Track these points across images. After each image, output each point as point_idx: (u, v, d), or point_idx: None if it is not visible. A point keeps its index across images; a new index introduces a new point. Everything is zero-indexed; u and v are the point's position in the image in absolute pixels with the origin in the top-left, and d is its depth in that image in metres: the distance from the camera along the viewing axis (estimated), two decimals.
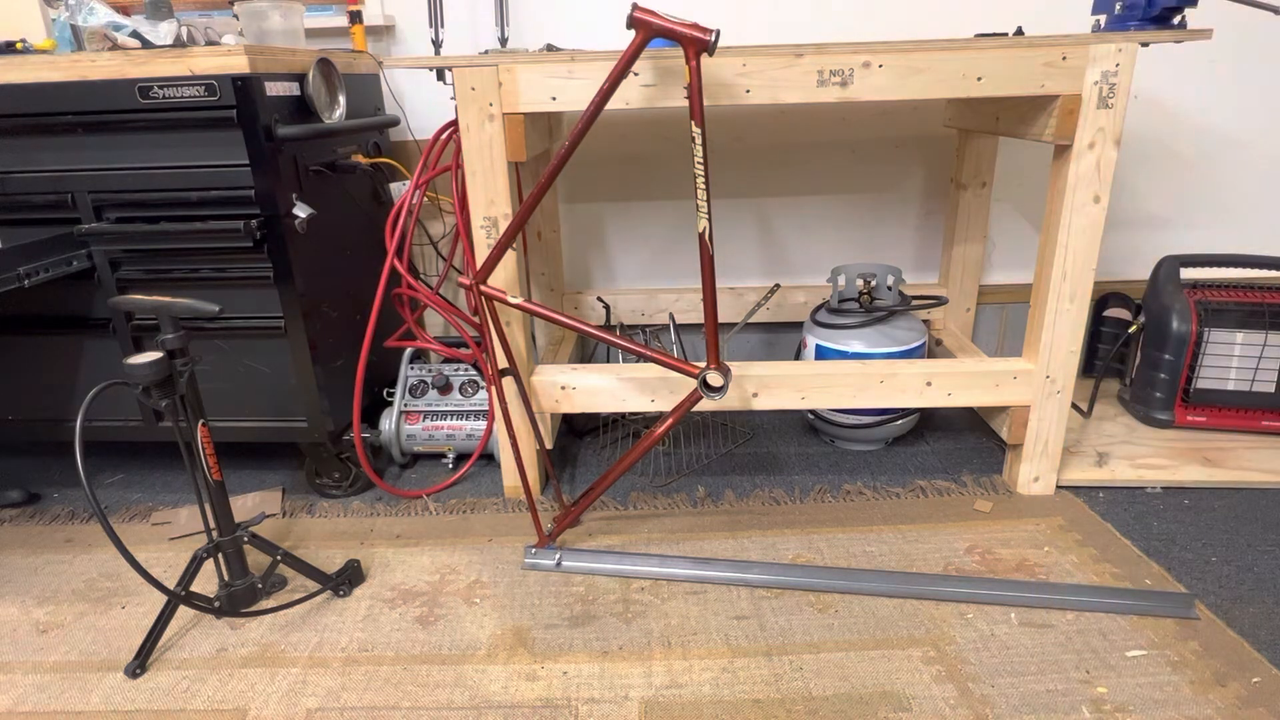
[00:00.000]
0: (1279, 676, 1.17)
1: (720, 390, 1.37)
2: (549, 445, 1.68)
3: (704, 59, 1.36)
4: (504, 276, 1.51)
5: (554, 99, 1.40)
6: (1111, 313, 2.17)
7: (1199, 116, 2.06)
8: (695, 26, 1.17)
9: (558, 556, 1.48)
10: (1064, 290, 1.50)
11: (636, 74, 1.37)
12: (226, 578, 1.35)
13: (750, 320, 2.07)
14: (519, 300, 1.40)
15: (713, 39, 1.17)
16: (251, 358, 1.61)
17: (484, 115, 1.41)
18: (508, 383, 1.55)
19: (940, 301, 1.89)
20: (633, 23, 1.19)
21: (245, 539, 1.35)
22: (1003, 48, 1.35)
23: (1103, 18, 1.43)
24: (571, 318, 1.38)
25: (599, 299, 2.14)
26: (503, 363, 1.52)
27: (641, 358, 1.37)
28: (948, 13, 1.94)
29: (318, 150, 1.60)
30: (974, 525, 1.57)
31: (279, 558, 1.37)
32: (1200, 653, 1.22)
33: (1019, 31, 1.51)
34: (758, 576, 1.42)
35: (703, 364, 1.37)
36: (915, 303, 1.91)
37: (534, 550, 1.50)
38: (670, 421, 1.41)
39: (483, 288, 1.40)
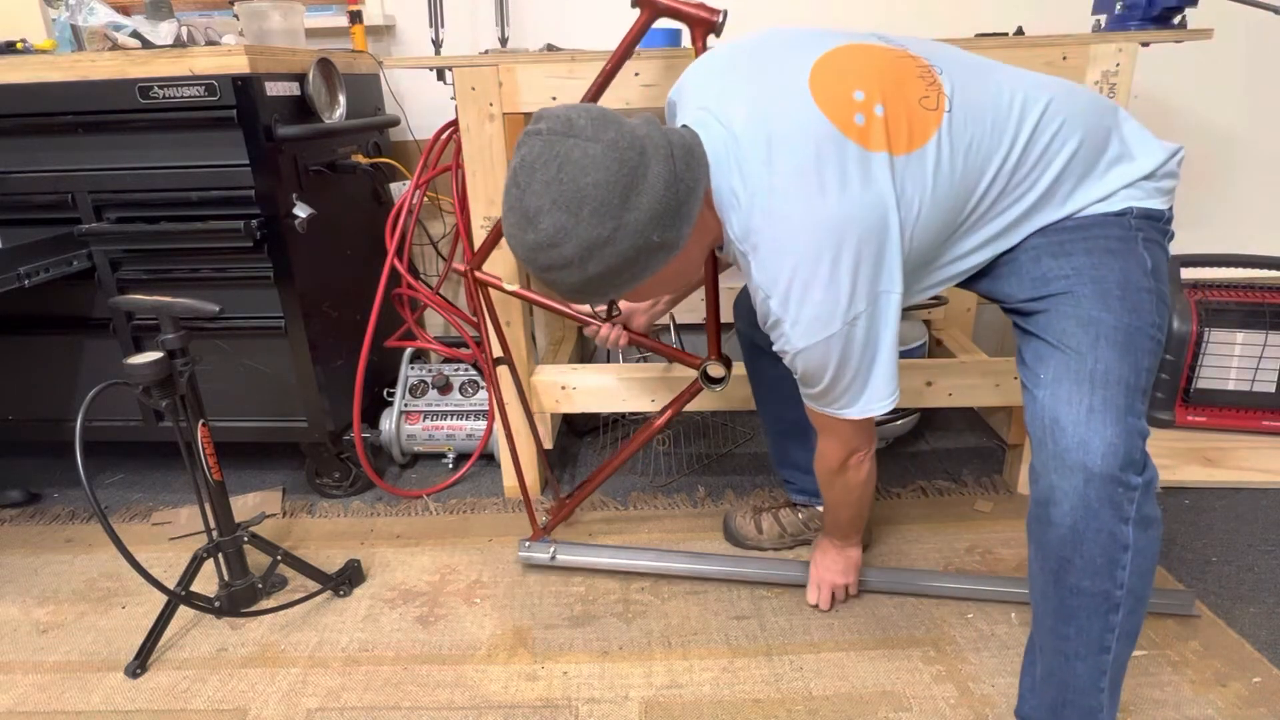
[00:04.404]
0: (1279, 676, 1.17)
1: (721, 382, 1.36)
2: (549, 445, 1.68)
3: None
4: (505, 272, 1.51)
5: (554, 99, 1.40)
6: None
7: (1199, 116, 2.06)
8: (702, 6, 1.16)
9: (552, 550, 1.45)
10: None
11: (637, 74, 1.37)
12: (226, 578, 1.35)
13: None
14: (515, 287, 1.38)
15: (720, 19, 1.15)
16: (251, 358, 1.61)
17: (484, 115, 1.41)
18: (504, 375, 1.55)
19: (940, 302, 1.89)
20: (637, 1, 1.17)
21: (245, 539, 1.35)
22: (1003, 47, 1.35)
23: (1103, 17, 1.43)
24: (567, 305, 1.36)
25: None
26: (498, 351, 1.50)
27: (640, 347, 1.37)
28: (948, 13, 1.94)
29: (318, 150, 1.60)
30: (974, 525, 1.57)
31: (279, 558, 1.37)
32: (1201, 653, 1.22)
33: (1019, 31, 1.51)
34: (756, 571, 1.41)
35: (704, 356, 1.37)
36: (915, 303, 1.90)
37: (528, 544, 1.47)
38: (669, 413, 1.40)
39: (477, 274, 1.38)
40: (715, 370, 1.36)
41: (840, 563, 1.31)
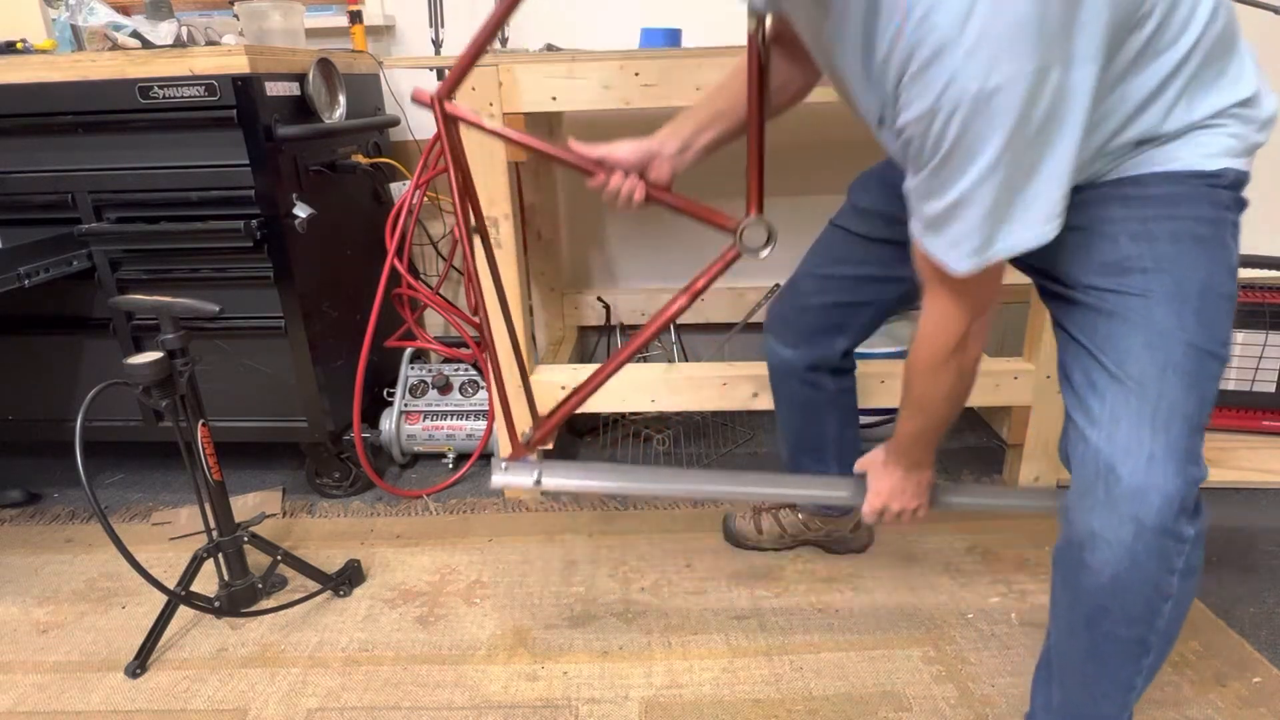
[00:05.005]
0: (1279, 676, 1.17)
1: (762, 249, 1.05)
2: (548, 445, 1.68)
3: (701, 62, 1.36)
4: (508, 276, 1.50)
5: (554, 99, 1.40)
6: None
7: None
8: None
9: (537, 472, 1.16)
10: None
11: (637, 74, 1.37)
12: (226, 578, 1.35)
13: (750, 320, 2.07)
14: (496, 126, 1.07)
15: None
16: (251, 358, 1.61)
17: (484, 115, 1.41)
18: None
19: None
20: None
21: (245, 539, 1.35)
22: None
23: None
24: (547, 142, 1.08)
25: (599, 299, 2.14)
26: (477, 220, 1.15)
27: (663, 204, 1.08)
28: None
29: (318, 150, 1.60)
30: (974, 525, 1.57)
31: (279, 558, 1.37)
32: (1200, 653, 1.22)
33: None
34: (783, 491, 1.28)
35: (740, 219, 1.04)
36: (915, 303, 1.90)
37: (505, 465, 1.17)
38: (700, 285, 1.12)
39: (447, 105, 1.02)
40: (755, 235, 1.05)
41: (910, 487, 1.07)
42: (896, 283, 1.17)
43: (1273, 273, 2.07)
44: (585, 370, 1.63)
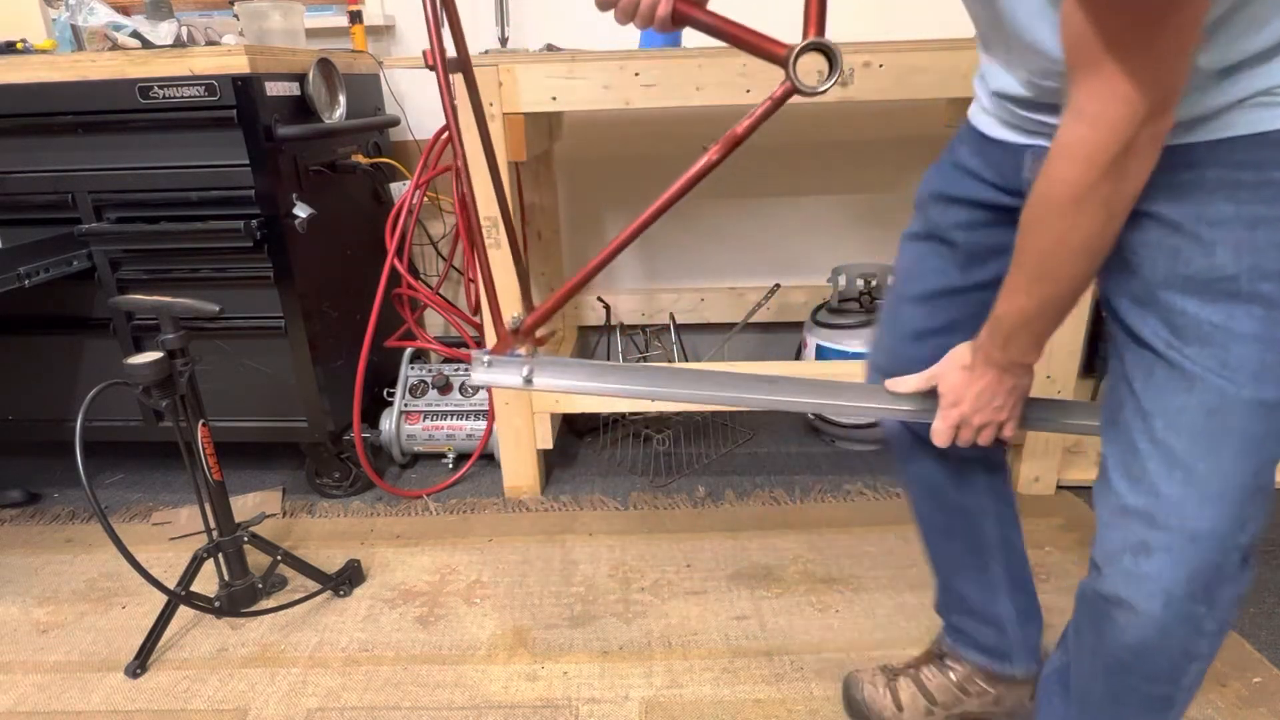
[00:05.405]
0: (1279, 676, 1.17)
1: (823, 82, 0.81)
2: (548, 445, 1.68)
3: (701, 62, 1.36)
4: (506, 283, 1.50)
5: (554, 99, 1.40)
6: None
7: None
8: None
9: (527, 369, 0.95)
10: None
11: (637, 74, 1.37)
12: (226, 578, 1.35)
13: (750, 320, 2.07)
14: None
15: None
16: (251, 358, 1.61)
17: (484, 115, 1.41)
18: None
19: None
20: None
21: (245, 539, 1.35)
22: None
23: None
24: None
25: (599, 299, 2.14)
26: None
27: (693, 23, 0.81)
28: (948, 12, 1.94)
29: (318, 150, 1.60)
30: None
31: (279, 558, 1.37)
32: None
33: None
34: (826, 402, 0.99)
35: (793, 44, 0.78)
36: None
37: (489, 360, 0.96)
38: (740, 132, 0.84)
39: None
40: (812, 64, 0.80)
41: (1001, 394, 0.82)
42: (977, 290, 0.92)
43: None
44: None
